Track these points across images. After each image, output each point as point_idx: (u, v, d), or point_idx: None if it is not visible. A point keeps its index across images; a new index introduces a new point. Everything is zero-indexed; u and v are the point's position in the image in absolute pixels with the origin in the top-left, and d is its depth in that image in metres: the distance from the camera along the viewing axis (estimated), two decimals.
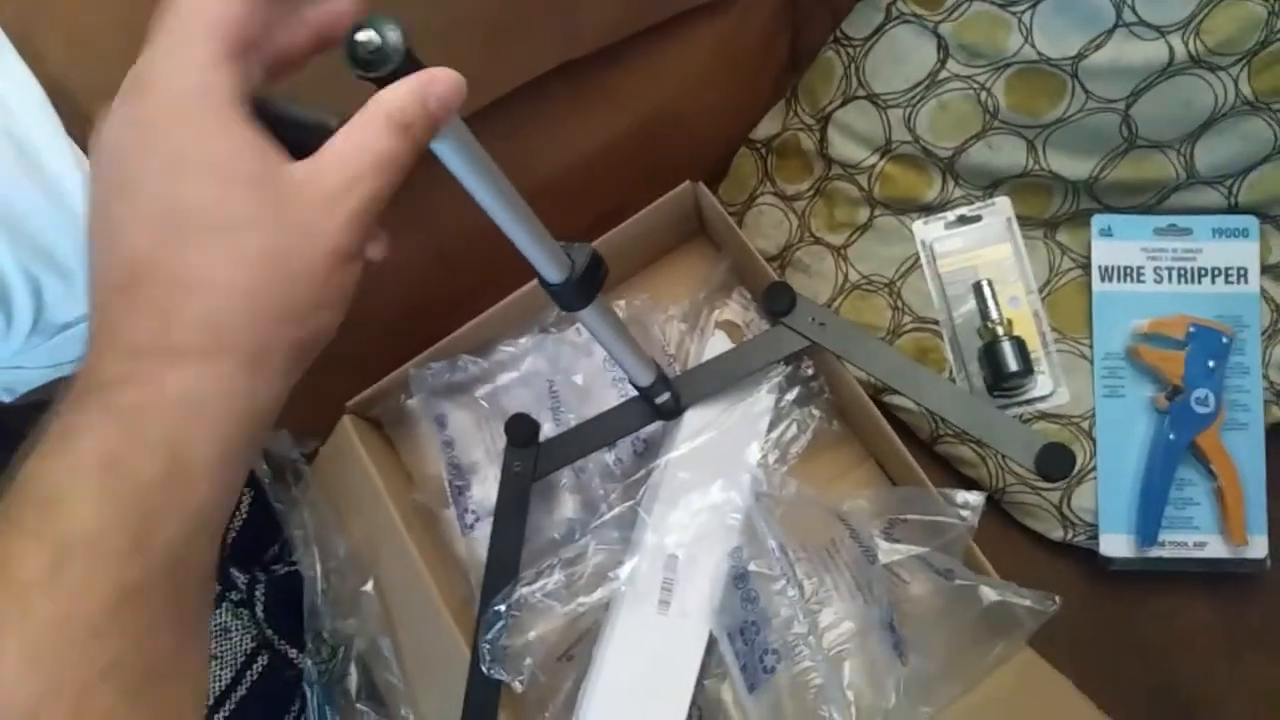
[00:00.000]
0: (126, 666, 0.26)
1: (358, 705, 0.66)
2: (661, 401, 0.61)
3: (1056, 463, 0.56)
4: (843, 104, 0.69)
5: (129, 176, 0.27)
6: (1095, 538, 0.66)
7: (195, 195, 0.27)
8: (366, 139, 0.28)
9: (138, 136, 0.27)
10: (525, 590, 0.58)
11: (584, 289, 0.45)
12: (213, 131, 0.27)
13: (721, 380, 0.64)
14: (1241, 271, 0.66)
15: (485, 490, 0.69)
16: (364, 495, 0.68)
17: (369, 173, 0.28)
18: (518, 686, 0.57)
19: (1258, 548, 0.64)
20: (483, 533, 0.67)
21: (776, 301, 0.62)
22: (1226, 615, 0.67)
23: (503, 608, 0.57)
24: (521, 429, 0.64)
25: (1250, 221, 0.65)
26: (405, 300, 0.70)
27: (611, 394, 0.70)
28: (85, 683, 0.25)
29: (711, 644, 0.60)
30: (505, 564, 0.61)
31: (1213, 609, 0.67)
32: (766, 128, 0.74)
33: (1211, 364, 0.64)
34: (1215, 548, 0.65)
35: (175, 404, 0.26)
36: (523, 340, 0.73)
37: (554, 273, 0.43)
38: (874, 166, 0.68)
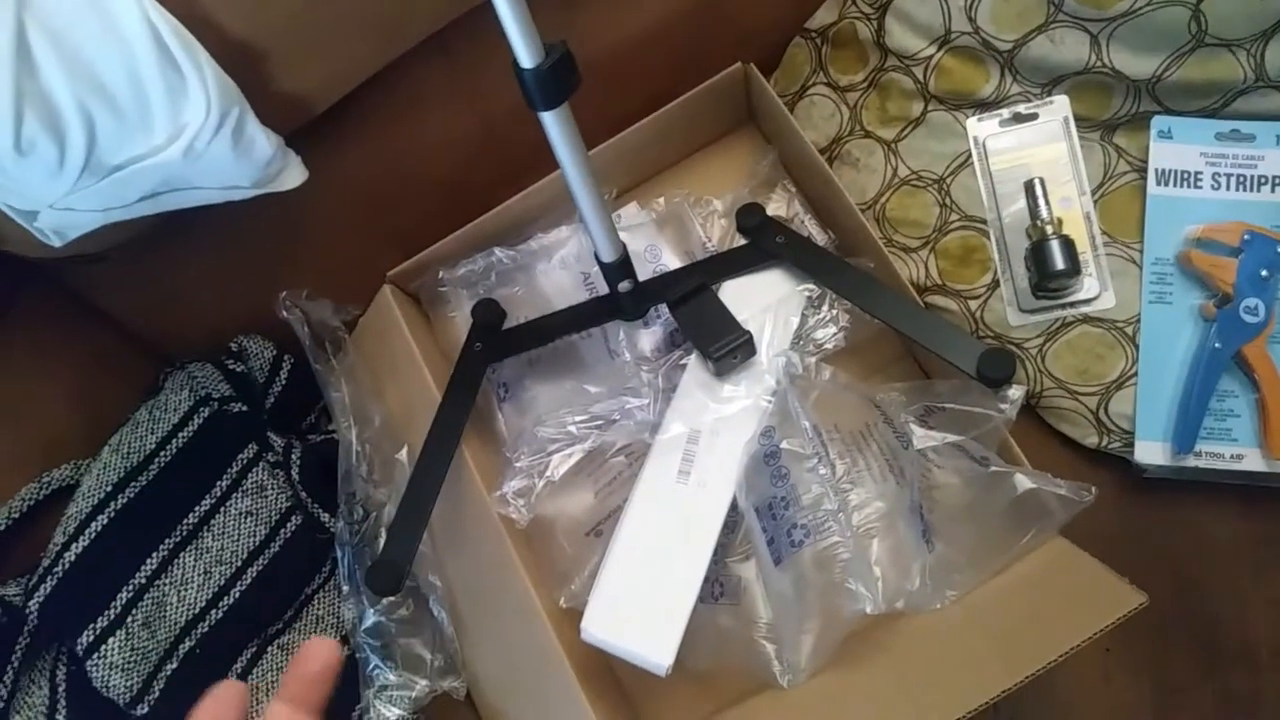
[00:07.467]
0: None
1: None
2: (624, 290, 0.62)
3: (998, 366, 0.58)
4: None
5: None
6: (1130, 445, 0.65)
7: None
8: None
9: None
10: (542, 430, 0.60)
11: (550, 83, 0.45)
12: None
13: (686, 286, 0.65)
14: None
15: (517, 364, 0.69)
16: (401, 364, 0.69)
17: None
18: (517, 517, 0.61)
19: None
20: (512, 404, 0.67)
21: (747, 219, 0.68)
22: (1257, 530, 0.66)
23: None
24: (487, 312, 0.70)
25: None
26: (452, 176, 0.70)
27: None
28: None
29: (739, 525, 0.60)
30: (447, 435, 0.65)
31: (1244, 523, 0.66)
32: (823, 16, 0.72)
33: (1264, 273, 0.63)
34: (1253, 461, 0.64)
35: None
36: (561, 229, 0.73)
37: (526, 55, 0.44)
38: (931, 58, 0.67)
